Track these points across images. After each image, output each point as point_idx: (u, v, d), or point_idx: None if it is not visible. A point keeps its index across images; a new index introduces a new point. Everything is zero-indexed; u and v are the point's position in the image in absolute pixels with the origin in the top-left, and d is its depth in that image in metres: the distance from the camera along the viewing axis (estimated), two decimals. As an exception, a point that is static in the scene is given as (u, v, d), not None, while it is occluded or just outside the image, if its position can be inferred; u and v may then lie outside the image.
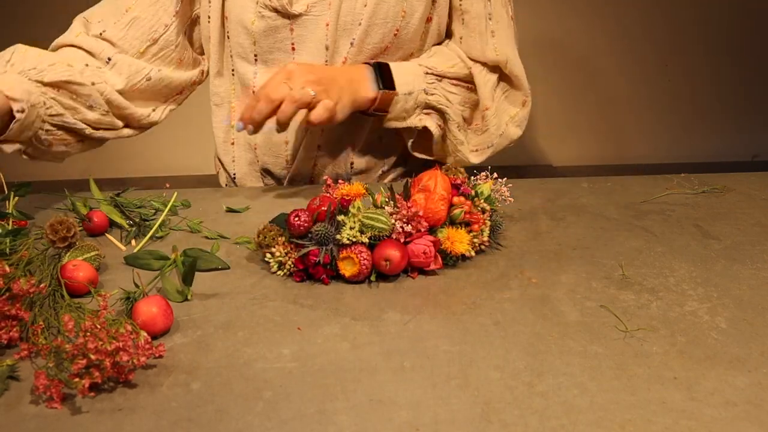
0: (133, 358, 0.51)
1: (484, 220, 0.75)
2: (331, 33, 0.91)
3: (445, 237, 0.71)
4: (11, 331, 0.55)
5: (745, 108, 2.87)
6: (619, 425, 0.48)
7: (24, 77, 0.80)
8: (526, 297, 0.67)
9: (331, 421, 0.48)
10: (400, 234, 0.69)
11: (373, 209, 0.70)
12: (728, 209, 0.93)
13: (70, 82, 0.83)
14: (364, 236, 0.68)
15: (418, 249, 0.69)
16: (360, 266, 0.67)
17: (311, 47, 0.93)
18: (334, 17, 0.91)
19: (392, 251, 0.67)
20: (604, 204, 0.94)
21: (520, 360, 0.56)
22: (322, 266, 0.68)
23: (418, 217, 0.69)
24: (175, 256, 0.72)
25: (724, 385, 0.53)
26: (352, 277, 0.68)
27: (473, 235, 0.74)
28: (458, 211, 0.73)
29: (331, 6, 0.90)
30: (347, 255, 0.67)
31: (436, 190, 0.71)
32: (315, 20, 0.91)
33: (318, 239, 0.68)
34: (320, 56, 0.93)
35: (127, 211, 0.83)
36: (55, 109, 0.82)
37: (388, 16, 0.91)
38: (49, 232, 0.69)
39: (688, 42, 2.67)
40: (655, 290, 0.69)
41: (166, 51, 0.94)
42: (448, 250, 0.71)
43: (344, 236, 0.67)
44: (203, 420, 0.48)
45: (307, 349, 0.57)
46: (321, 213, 0.70)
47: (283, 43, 0.93)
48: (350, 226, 0.68)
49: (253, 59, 0.95)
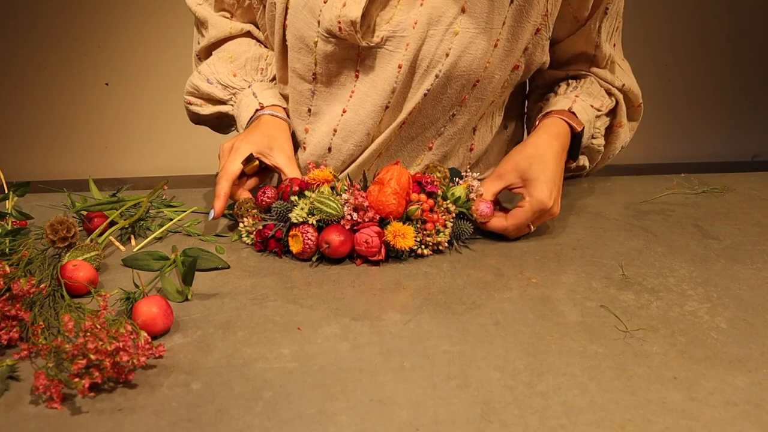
0: (133, 358, 0.51)
1: (444, 222, 0.75)
2: (402, 77, 0.82)
3: (389, 230, 0.73)
4: (11, 331, 0.55)
5: (745, 108, 2.87)
6: (619, 425, 0.48)
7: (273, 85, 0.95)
8: (526, 297, 0.67)
9: (331, 421, 0.48)
10: (348, 221, 0.72)
11: (328, 195, 0.73)
12: (728, 209, 0.93)
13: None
14: (313, 218, 0.72)
15: (361, 237, 0.72)
16: (304, 245, 0.72)
17: (376, 85, 0.84)
18: (408, 60, 0.81)
19: (334, 235, 0.72)
20: (604, 204, 0.94)
21: (520, 360, 0.56)
22: (274, 240, 0.75)
23: (367, 207, 0.73)
24: (175, 256, 0.72)
25: (724, 385, 0.53)
26: (298, 254, 0.73)
27: (426, 233, 0.75)
28: (413, 207, 0.74)
29: (409, 48, 0.81)
30: (296, 233, 0.73)
31: (389, 183, 0.73)
32: (388, 56, 0.82)
33: (278, 215, 0.75)
34: (383, 98, 0.84)
35: (124, 211, 0.83)
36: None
37: (471, 68, 0.82)
38: (49, 232, 0.69)
39: (688, 42, 2.67)
40: (655, 290, 0.69)
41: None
42: (391, 243, 0.73)
43: (294, 215, 0.73)
44: (203, 420, 0.48)
45: (307, 349, 0.57)
46: (285, 192, 0.76)
47: (347, 68, 0.86)
48: (301, 207, 0.74)
49: (311, 77, 0.88)
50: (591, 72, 0.95)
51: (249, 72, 0.95)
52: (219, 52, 0.97)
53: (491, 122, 0.94)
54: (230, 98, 0.95)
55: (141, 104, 2.47)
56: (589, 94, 0.93)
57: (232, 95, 0.95)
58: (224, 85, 0.94)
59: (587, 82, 0.94)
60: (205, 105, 0.97)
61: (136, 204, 0.85)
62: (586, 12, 0.86)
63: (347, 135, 0.87)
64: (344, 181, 0.77)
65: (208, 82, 0.95)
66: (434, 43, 0.81)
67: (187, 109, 0.99)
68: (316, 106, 0.89)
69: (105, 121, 2.55)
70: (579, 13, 0.87)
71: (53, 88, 2.56)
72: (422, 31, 0.80)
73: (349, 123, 0.87)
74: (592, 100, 0.92)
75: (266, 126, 0.87)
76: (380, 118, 0.85)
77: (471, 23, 0.80)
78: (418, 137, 0.88)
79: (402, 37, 0.81)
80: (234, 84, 0.94)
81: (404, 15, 0.81)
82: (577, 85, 0.94)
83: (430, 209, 0.75)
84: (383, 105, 0.84)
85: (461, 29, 0.80)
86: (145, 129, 2.57)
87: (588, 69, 0.95)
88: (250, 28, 0.98)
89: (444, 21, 0.80)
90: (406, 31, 0.81)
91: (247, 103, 0.92)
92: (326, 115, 0.89)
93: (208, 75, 0.95)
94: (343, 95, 0.87)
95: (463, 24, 0.80)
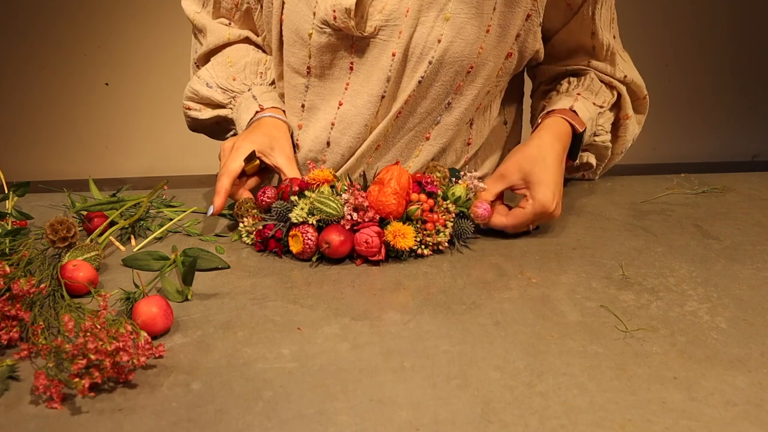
0: (133, 358, 0.51)
1: (444, 222, 0.75)
2: (396, 65, 0.83)
3: (389, 230, 0.73)
4: (11, 331, 0.55)
5: (745, 108, 2.87)
6: (619, 425, 0.48)
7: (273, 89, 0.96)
8: (526, 297, 0.67)
9: (331, 421, 0.48)
10: (348, 221, 0.72)
11: (328, 195, 0.73)
12: (728, 209, 0.93)
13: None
14: (313, 218, 0.72)
15: (361, 238, 0.72)
16: (304, 245, 0.72)
17: (371, 75, 0.85)
18: (402, 48, 0.82)
19: (334, 235, 0.72)
20: (604, 204, 0.94)
21: (520, 360, 0.56)
22: (274, 240, 0.75)
23: (367, 207, 0.73)
24: (175, 256, 0.72)
25: (724, 385, 0.53)
26: (298, 254, 0.73)
27: (427, 233, 0.75)
28: (413, 207, 0.74)
29: (402, 36, 0.82)
30: (295, 233, 0.73)
31: (389, 183, 0.73)
32: (381, 45, 0.83)
33: (278, 215, 0.75)
34: (379, 87, 0.85)
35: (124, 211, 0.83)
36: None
37: (464, 54, 0.82)
38: (49, 232, 0.69)
39: (688, 42, 2.67)
40: (655, 290, 0.69)
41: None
42: (391, 243, 0.73)
43: (294, 215, 0.73)
44: (203, 420, 0.48)
45: (307, 349, 0.57)
46: (285, 192, 0.76)
47: (341, 60, 0.86)
48: (301, 207, 0.74)
49: (305, 71, 0.88)
50: (591, 66, 0.95)
51: (248, 76, 0.96)
52: (218, 57, 0.97)
53: (488, 115, 0.94)
54: (230, 102, 0.95)
55: (141, 104, 2.47)
56: (591, 91, 0.93)
57: (232, 98, 0.95)
58: (224, 88, 0.95)
59: (587, 79, 0.94)
60: (204, 109, 0.98)
61: (136, 204, 0.85)
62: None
63: (345, 127, 0.88)
64: (344, 181, 0.77)
65: (208, 86, 0.95)
66: (426, 30, 0.82)
67: (186, 115, 1.00)
68: (310, 101, 0.90)
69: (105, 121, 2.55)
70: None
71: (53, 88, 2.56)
72: (414, 18, 0.81)
73: (347, 115, 0.87)
74: (594, 97, 0.93)
75: (267, 126, 0.88)
76: (377, 108, 0.86)
77: (462, 9, 0.81)
78: (416, 127, 0.89)
79: (395, 25, 0.82)
80: (233, 87, 0.95)
81: (396, 4, 0.82)
82: (579, 83, 0.94)
83: (430, 209, 0.76)
84: (379, 94, 0.85)
85: (452, 15, 0.81)
86: (145, 129, 2.57)
87: (587, 63, 0.95)
88: (249, 34, 0.99)
89: (435, 7, 0.81)
90: (398, 20, 0.82)
91: (246, 106, 0.92)
92: (321, 110, 0.90)
93: (207, 79, 0.96)
94: (338, 88, 0.88)
95: (454, 9, 0.81)
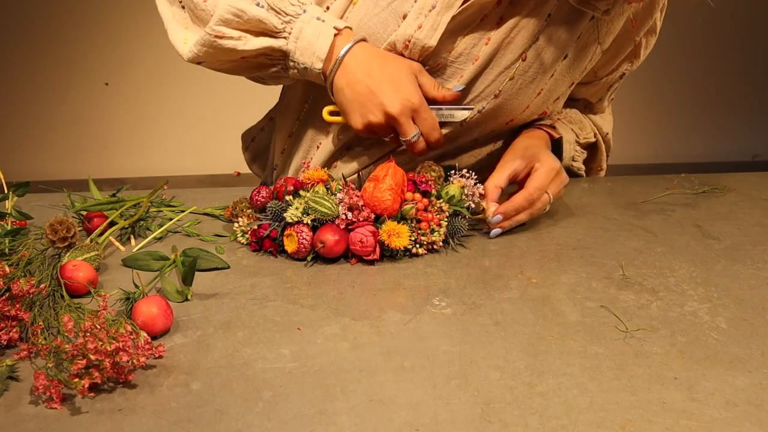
0: (132, 359, 0.51)
1: (438, 221, 0.75)
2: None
3: (384, 230, 0.73)
4: (11, 331, 0.55)
5: (745, 108, 2.87)
6: (619, 425, 0.48)
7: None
8: (526, 297, 0.67)
9: (331, 421, 0.48)
10: (342, 220, 0.72)
11: (323, 194, 0.73)
12: (728, 209, 0.93)
13: None
14: (308, 217, 0.72)
15: (356, 237, 0.72)
16: (299, 245, 0.72)
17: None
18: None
19: (328, 235, 0.72)
20: (604, 204, 0.94)
21: (520, 360, 0.56)
22: (269, 239, 0.74)
23: (362, 206, 0.73)
24: (175, 256, 0.72)
25: (725, 385, 0.53)
26: (293, 253, 0.73)
27: (421, 233, 0.75)
28: (408, 206, 0.74)
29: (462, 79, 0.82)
30: (290, 232, 0.73)
31: (384, 180, 0.73)
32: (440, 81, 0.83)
33: (273, 215, 0.75)
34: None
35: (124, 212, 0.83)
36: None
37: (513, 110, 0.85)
38: (48, 232, 0.69)
39: (688, 42, 2.67)
40: (655, 290, 0.69)
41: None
42: (386, 243, 0.73)
43: (288, 215, 0.73)
44: (203, 420, 0.48)
45: (307, 349, 0.57)
46: (279, 192, 0.75)
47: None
48: (296, 206, 0.73)
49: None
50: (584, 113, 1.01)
51: None
52: None
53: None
54: (284, 28, 0.77)
55: (141, 104, 2.47)
56: (571, 121, 0.97)
57: (286, 23, 0.77)
58: (277, 10, 0.76)
59: (572, 112, 0.99)
60: (247, 37, 0.76)
61: (136, 204, 0.85)
62: (606, 72, 0.93)
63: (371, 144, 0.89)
64: (339, 180, 0.77)
65: (258, 5, 0.75)
66: (487, 81, 0.83)
67: (213, 45, 0.77)
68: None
69: (105, 121, 2.55)
70: (601, 70, 0.93)
71: (53, 88, 2.56)
72: (480, 67, 0.82)
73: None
74: (572, 125, 0.97)
75: (389, 55, 0.79)
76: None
77: (527, 72, 0.82)
78: (441, 152, 0.90)
79: (458, 68, 0.82)
80: (287, 10, 0.76)
81: (468, 49, 0.81)
82: (563, 112, 0.99)
83: (425, 208, 0.76)
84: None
85: (517, 75, 0.82)
86: (145, 129, 2.57)
87: (582, 110, 1.01)
88: None
89: (503, 63, 0.82)
90: (465, 64, 0.82)
91: (315, 30, 0.76)
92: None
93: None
94: None
95: (519, 71, 0.82)
